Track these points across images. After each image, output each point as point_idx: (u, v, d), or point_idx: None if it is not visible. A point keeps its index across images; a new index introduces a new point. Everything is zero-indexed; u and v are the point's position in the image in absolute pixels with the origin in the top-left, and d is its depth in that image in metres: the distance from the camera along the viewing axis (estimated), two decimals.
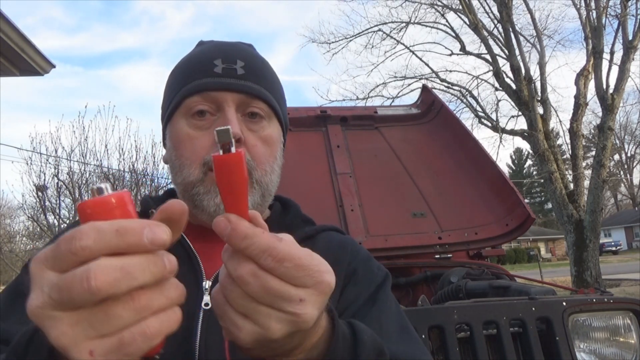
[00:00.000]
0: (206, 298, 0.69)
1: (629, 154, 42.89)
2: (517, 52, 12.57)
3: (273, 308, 0.43)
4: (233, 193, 0.45)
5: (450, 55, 14.89)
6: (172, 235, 0.39)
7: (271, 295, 0.42)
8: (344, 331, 0.54)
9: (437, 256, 2.50)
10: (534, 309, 1.57)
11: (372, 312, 0.72)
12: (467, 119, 15.40)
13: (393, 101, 14.26)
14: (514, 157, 54.74)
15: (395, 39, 14.97)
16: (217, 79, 0.75)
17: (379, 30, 14.96)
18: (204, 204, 0.73)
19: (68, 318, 0.36)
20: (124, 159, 11.78)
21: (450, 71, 15.42)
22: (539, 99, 12.57)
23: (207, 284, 0.71)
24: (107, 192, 0.39)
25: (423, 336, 1.46)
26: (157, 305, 0.37)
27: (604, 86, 11.82)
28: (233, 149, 0.44)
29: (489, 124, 14.19)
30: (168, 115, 0.80)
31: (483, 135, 29.71)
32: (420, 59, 14.98)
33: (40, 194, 11.48)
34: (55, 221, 11.53)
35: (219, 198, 0.71)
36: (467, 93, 14.49)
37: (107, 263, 0.35)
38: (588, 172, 14.03)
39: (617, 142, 38.31)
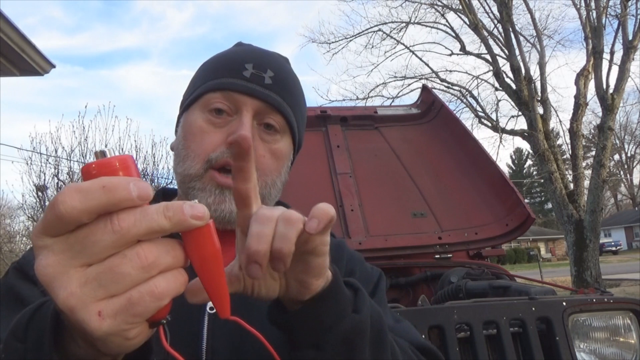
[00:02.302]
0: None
1: (629, 154, 42.94)
2: (517, 52, 12.58)
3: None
4: (204, 269, 0.41)
5: (450, 55, 14.91)
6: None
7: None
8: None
9: (437, 256, 2.50)
10: (534, 309, 1.57)
11: None
12: (467, 119, 15.41)
13: (393, 101, 14.27)
14: (514, 157, 54.78)
15: (395, 39, 14.99)
16: (243, 82, 0.75)
17: (379, 30, 14.98)
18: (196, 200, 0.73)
19: (78, 277, 0.36)
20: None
21: (450, 71, 15.44)
22: (539, 99, 12.58)
23: None
24: (110, 155, 0.39)
25: (423, 336, 1.46)
26: (164, 264, 0.37)
27: (604, 86, 11.83)
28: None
29: (489, 124, 14.20)
30: (187, 104, 0.80)
31: (483, 135, 29.66)
32: (420, 59, 15.00)
33: (40, 194, 11.49)
34: None
35: (212, 198, 0.72)
36: (467, 93, 14.50)
37: (128, 210, 0.36)
38: (588, 172, 14.04)
39: (617, 142, 38.34)
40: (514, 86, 12.68)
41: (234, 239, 0.78)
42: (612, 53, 12.18)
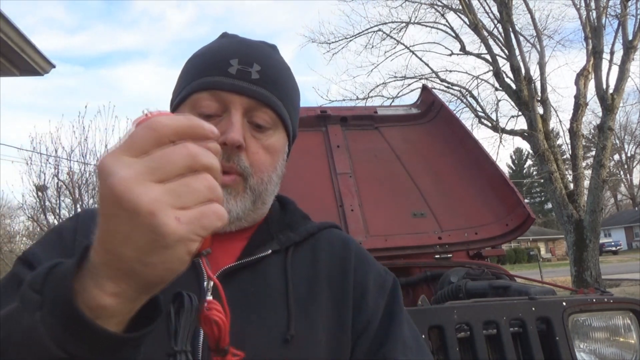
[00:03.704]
0: (209, 298, 0.69)
1: (629, 154, 42.96)
2: (517, 52, 12.57)
3: None
4: None
5: (450, 55, 14.89)
6: None
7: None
8: None
9: (437, 256, 2.50)
10: (534, 309, 1.57)
11: (392, 329, 0.73)
12: (467, 119, 15.43)
13: (393, 101, 14.26)
14: (514, 157, 54.78)
15: (395, 39, 14.98)
16: (229, 79, 0.73)
17: (379, 30, 14.96)
18: None
19: (158, 188, 0.40)
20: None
21: (450, 71, 15.43)
22: (539, 99, 12.58)
23: (210, 283, 0.70)
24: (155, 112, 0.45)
25: (423, 336, 1.46)
26: (218, 192, 0.43)
27: (604, 86, 11.83)
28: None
29: (489, 124, 14.18)
30: (174, 106, 0.79)
31: (483, 135, 29.71)
32: (420, 59, 14.98)
33: (40, 194, 11.49)
34: (55, 221, 11.53)
35: None
36: (467, 93, 14.48)
37: (194, 145, 0.43)
38: (588, 172, 14.03)
39: (617, 142, 38.37)
40: (514, 86, 12.68)
41: (232, 239, 0.78)
42: (612, 53, 12.18)
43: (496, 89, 13.96)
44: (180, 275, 0.43)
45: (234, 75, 0.74)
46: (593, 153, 14.77)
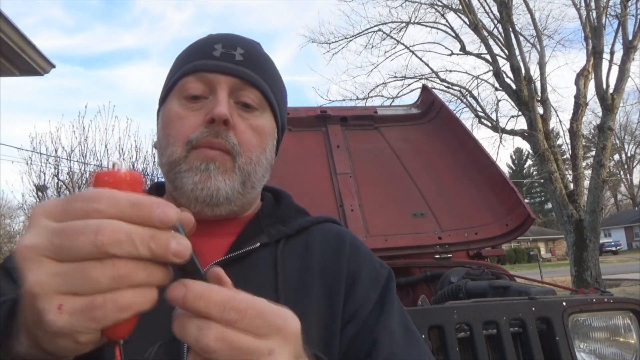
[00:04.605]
0: None
1: (629, 154, 42.97)
2: (517, 52, 12.57)
3: None
4: None
5: (450, 55, 14.90)
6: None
7: (243, 354, 0.40)
8: None
9: (437, 256, 2.50)
10: (534, 309, 1.57)
11: (381, 319, 0.70)
12: (467, 119, 15.40)
13: (393, 101, 14.26)
14: (514, 157, 54.79)
15: (395, 39, 14.98)
16: (213, 61, 0.75)
17: (379, 30, 14.97)
18: (183, 182, 0.72)
19: (50, 267, 0.37)
20: (124, 159, 11.78)
21: (450, 71, 15.49)
22: (539, 99, 12.58)
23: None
24: (122, 168, 0.41)
25: (423, 336, 1.46)
26: (137, 280, 0.37)
27: (604, 86, 11.83)
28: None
29: (489, 124, 14.19)
30: (163, 97, 0.80)
31: (483, 135, 29.73)
32: (420, 59, 14.99)
33: (40, 194, 11.49)
34: None
35: (198, 177, 0.71)
36: (467, 93, 14.49)
37: (118, 225, 0.36)
38: (588, 172, 14.03)
39: (617, 142, 38.38)
40: (514, 86, 12.68)
41: (222, 234, 0.76)
42: (612, 53, 12.18)
43: (496, 89, 13.97)
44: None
45: (218, 57, 0.75)
46: (593, 153, 14.77)
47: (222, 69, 0.74)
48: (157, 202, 0.38)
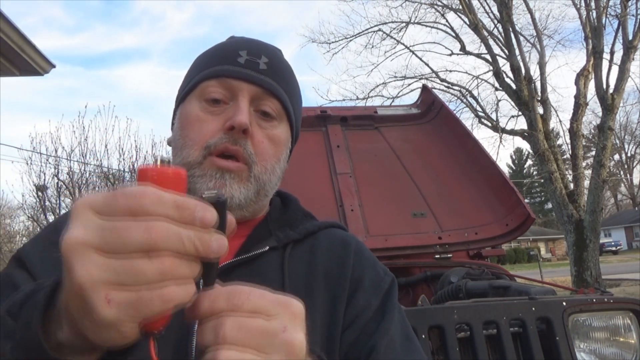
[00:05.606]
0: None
1: (629, 154, 42.95)
2: (517, 52, 12.57)
3: (266, 348, 0.42)
4: None
5: (450, 55, 14.90)
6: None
7: (260, 336, 0.42)
8: None
9: (437, 256, 2.50)
10: (534, 309, 1.57)
11: (380, 326, 0.71)
12: (467, 119, 15.41)
13: (393, 101, 14.26)
14: (514, 157, 54.79)
15: (395, 39, 14.98)
16: (238, 68, 0.75)
17: (379, 30, 14.97)
18: (196, 187, 0.72)
19: (99, 261, 0.38)
20: (124, 159, 11.81)
21: (450, 71, 15.50)
22: (539, 99, 12.58)
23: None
24: (168, 164, 0.43)
25: (423, 336, 1.46)
26: (181, 274, 0.39)
27: (604, 86, 11.83)
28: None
29: (489, 124, 14.19)
30: (182, 96, 0.80)
31: (483, 135, 29.73)
32: (420, 59, 14.99)
33: (40, 194, 11.49)
34: None
35: (213, 183, 0.71)
36: (467, 93, 14.49)
37: (166, 225, 0.39)
38: (588, 172, 14.03)
39: (617, 142, 38.35)
40: (514, 86, 12.68)
41: (231, 237, 0.77)
42: (612, 53, 12.17)
43: (496, 89, 13.98)
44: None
45: (242, 65, 0.76)
46: (593, 153, 14.78)
47: (246, 76, 0.75)
48: (199, 206, 0.41)
